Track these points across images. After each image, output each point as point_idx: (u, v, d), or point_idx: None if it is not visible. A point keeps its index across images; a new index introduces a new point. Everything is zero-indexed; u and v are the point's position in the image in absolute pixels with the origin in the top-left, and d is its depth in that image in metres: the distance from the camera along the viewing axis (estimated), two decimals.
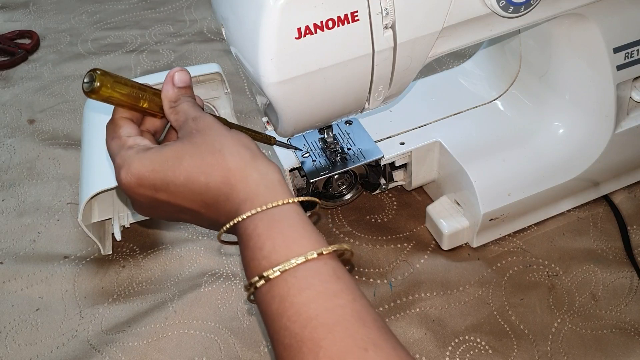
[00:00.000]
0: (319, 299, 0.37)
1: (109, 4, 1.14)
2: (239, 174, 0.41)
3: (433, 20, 0.50)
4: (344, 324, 0.36)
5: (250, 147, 0.43)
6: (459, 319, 0.62)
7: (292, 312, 0.37)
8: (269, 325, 0.38)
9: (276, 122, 0.53)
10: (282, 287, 0.38)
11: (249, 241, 0.40)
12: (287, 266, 0.38)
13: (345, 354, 0.35)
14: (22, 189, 0.80)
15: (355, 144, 0.66)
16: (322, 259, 0.39)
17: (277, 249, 0.39)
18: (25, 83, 0.97)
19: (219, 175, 0.41)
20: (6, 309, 0.66)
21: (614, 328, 0.60)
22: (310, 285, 0.37)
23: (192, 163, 0.42)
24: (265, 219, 0.40)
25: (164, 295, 0.66)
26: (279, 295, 0.37)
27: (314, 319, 0.36)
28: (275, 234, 0.39)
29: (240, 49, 0.49)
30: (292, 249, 0.39)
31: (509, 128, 0.69)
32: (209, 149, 0.42)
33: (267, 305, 0.38)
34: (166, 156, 0.42)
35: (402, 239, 0.69)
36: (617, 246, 0.67)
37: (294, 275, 0.38)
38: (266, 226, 0.40)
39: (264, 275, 0.38)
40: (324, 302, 0.37)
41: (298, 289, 0.37)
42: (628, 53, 0.62)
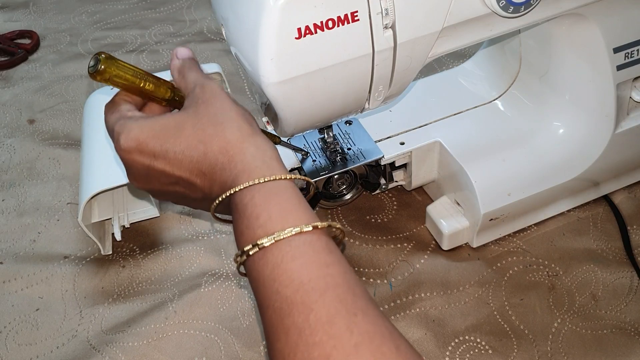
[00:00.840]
0: (312, 267, 0.38)
1: (109, 4, 1.14)
2: (238, 146, 0.43)
3: (433, 20, 0.50)
4: (335, 290, 0.37)
5: (251, 122, 0.44)
6: (459, 319, 0.62)
7: (285, 277, 0.38)
8: (260, 290, 0.39)
9: (276, 122, 0.53)
10: (276, 254, 0.39)
11: (245, 210, 0.41)
12: (283, 235, 0.39)
13: (335, 317, 0.36)
14: (22, 189, 0.80)
15: (355, 144, 0.66)
16: (316, 232, 0.40)
17: (274, 218, 0.40)
18: (25, 83, 0.97)
19: (217, 145, 0.42)
20: (6, 309, 0.66)
21: (614, 328, 0.60)
22: (304, 254, 0.39)
23: (193, 132, 0.43)
24: (263, 191, 0.41)
25: (164, 295, 0.66)
26: (272, 262, 0.39)
27: (306, 284, 0.37)
28: (272, 205, 0.41)
29: (240, 49, 0.49)
30: (288, 220, 0.40)
31: (509, 128, 0.69)
32: (211, 120, 0.43)
33: (259, 271, 0.39)
34: (168, 124, 0.43)
35: (402, 239, 0.69)
36: (617, 246, 0.67)
37: (288, 244, 0.39)
38: (263, 197, 0.41)
39: (258, 243, 0.39)
40: (316, 270, 0.38)
41: (292, 256, 0.39)
42: (628, 53, 0.62)
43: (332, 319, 0.36)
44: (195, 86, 0.45)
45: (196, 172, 0.43)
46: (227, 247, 0.70)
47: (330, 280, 0.38)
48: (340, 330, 0.35)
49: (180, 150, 0.43)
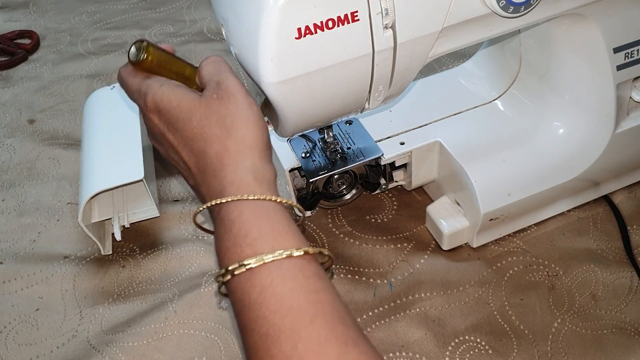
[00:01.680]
0: (302, 292, 0.37)
1: (109, 4, 1.14)
2: (234, 157, 0.42)
3: (433, 20, 0.50)
4: (325, 317, 0.36)
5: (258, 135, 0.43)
6: (459, 319, 0.62)
7: (273, 301, 0.36)
8: (245, 314, 0.37)
9: (276, 122, 0.53)
10: (265, 276, 0.37)
11: (232, 226, 0.39)
12: (273, 257, 0.37)
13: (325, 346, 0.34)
14: (22, 189, 0.80)
15: (355, 143, 0.66)
16: (306, 258, 0.38)
17: (264, 238, 0.38)
18: (25, 83, 0.97)
19: (215, 149, 0.42)
20: (6, 309, 0.66)
21: (614, 328, 0.60)
22: (294, 278, 0.37)
23: (199, 126, 0.43)
24: (252, 207, 0.40)
25: (164, 295, 0.66)
26: (260, 285, 0.37)
27: (296, 309, 0.36)
28: (262, 224, 0.39)
29: (240, 49, 0.49)
30: (279, 241, 0.38)
31: (509, 128, 0.69)
32: (219, 121, 0.42)
33: (244, 293, 0.37)
34: (183, 106, 0.43)
35: (402, 239, 0.69)
36: (617, 246, 0.67)
37: (278, 267, 0.37)
38: (253, 215, 0.39)
39: (245, 263, 0.37)
40: (306, 295, 0.37)
41: (282, 279, 0.37)
42: (628, 53, 0.62)
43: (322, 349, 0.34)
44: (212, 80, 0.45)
45: (193, 163, 0.43)
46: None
47: (320, 307, 0.36)
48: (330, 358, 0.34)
49: (185, 136, 0.43)
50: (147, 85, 0.45)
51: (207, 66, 0.46)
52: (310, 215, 0.72)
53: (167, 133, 0.44)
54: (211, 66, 0.46)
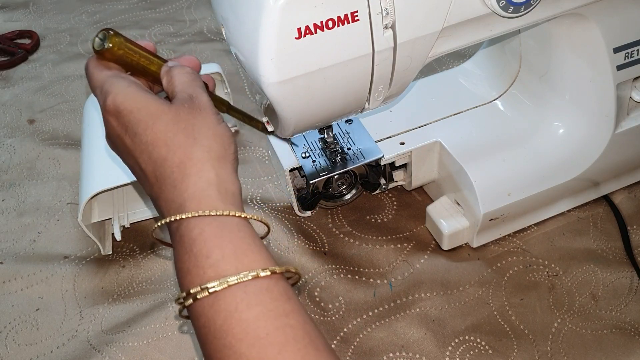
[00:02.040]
0: (270, 317, 0.35)
1: (109, 4, 1.14)
2: (197, 167, 0.39)
3: (433, 20, 0.50)
4: (296, 344, 0.34)
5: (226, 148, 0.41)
6: (459, 319, 0.62)
7: (239, 329, 0.34)
8: (209, 341, 0.35)
9: (276, 122, 0.53)
10: (229, 301, 0.35)
11: (193, 246, 0.37)
12: (237, 279, 0.35)
13: None
14: (22, 189, 0.80)
15: (355, 143, 0.66)
16: (273, 277, 0.36)
17: (227, 259, 0.36)
18: (25, 83, 0.97)
19: (179, 157, 0.39)
20: (6, 309, 0.66)
21: (614, 328, 0.60)
22: (261, 302, 0.35)
23: (164, 131, 0.40)
24: (214, 225, 0.37)
25: (164, 295, 0.66)
26: (225, 310, 0.35)
27: (263, 338, 0.34)
28: (225, 243, 0.37)
29: (240, 49, 0.49)
30: (244, 262, 0.36)
31: (509, 128, 0.69)
32: (186, 129, 0.40)
33: (208, 320, 0.35)
34: (148, 108, 0.40)
35: (402, 239, 0.69)
36: (617, 246, 0.67)
37: (243, 290, 0.35)
38: (215, 233, 0.37)
39: (208, 287, 0.35)
40: (274, 321, 0.35)
41: (247, 304, 0.35)
42: (628, 53, 0.62)
43: None
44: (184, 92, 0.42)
45: (151, 171, 0.40)
46: None
47: (290, 332, 0.34)
48: None
49: (145, 141, 0.40)
50: (112, 83, 0.41)
51: (182, 76, 0.43)
52: (310, 215, 0.72)
53: (124, 136, 0.41)
54: (186, 77, 0.43)
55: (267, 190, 0.76)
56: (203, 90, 0.43)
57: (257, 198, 0.75)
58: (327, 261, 0.68)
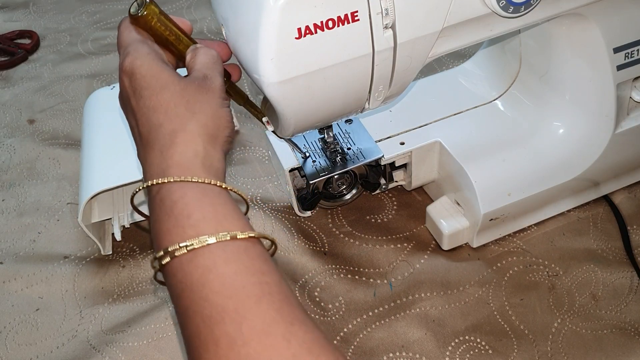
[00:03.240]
0: (247, 273, 0.36)
1: (109, 4, 1.14)
2: (187, 138, 0.40)
3: (433, 20, 0.50)
4: (271, 298, 0.35)
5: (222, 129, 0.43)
6: (459, 319, 0.62)
7: (217, 282, 0.35)
8: (185, 297, 0.36)
9: (276, 122, 0.53)
10: (207, 257, 0.36)
11: (174, 207, 0.38)
12: (217, 238, 0.36)
13: (271, 326, 0.34)
14: (22, 189, 0.80)
15: (355, 143, 0.66)
16: (251, 240, 0.38)
17: (208, 220, 0.37)
18: (25, 83, 0.97)
19: (172, 126, 0.41)
20: (6, 309, 0.66)
21: (614, 328, 0.60)
22: (238, 260, 0.36)
23: (168, 100, 0.41)
24: (196, 190, 0.39)
25: (164, 295, 0.66)
26: (202, 266, 0.36)
27: (240, 291, 0.35)
28: (205, 206, 0.38)
29: (240, 49, 0.49)
30: (223, 224, 0.37)
31: (509, 128, 0.69)
32: (189, 104, 0.42)
33: (185, 275, 0.36)
34: (160, 77, 0.42)
35: (402, 239, 0.69)
36: (617, 246, 0.67)
37: (222, 248, 0.36)
38: (196, 197, 0.38)
39: (187, 244, 0.36)
40: (251, 277, 0.36)
41: (225, 260, 0.36)
42: (628, 53, 0.62)
43: (268, 329, 0.34)
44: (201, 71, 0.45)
45: (145, 135, 0.42)
46: None
47: (266, 288, 0.36)
48: (276, 340, 0.33)
49: (147, 105, 0.42)
50: (134, 47, 0.44)
51: (204, 57, 0.46)
52: (310, 215, 0.72)
53: (131, 97, 0.43)
54: (208, 59, 0.46)
55: (267, 190, 0.76)
56: (219, 75, 0.45)
57: (257, 198, 0.75)
58: (327, 261, 0.68)
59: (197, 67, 0.45)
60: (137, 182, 0.66)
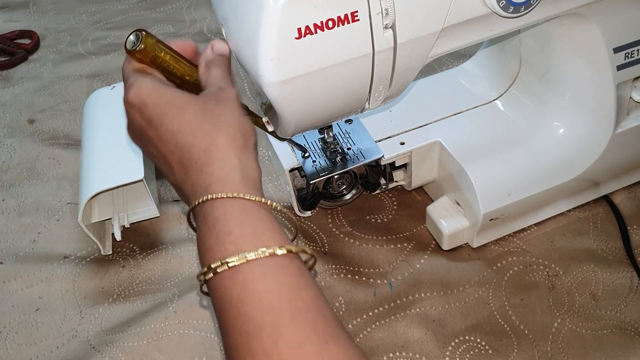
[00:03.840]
0: (283, 289, 0.37)
1: (109, 4, 1.14)
2: (222, 153, 0.42)
3: (433, 20, 0.50)
4: (307, 315, 0.36)
5: (248, 138, 0.44)
6: (459, 319, 0.62)
7: (255, 299, 0.37)
8: (226, 310, 0.38)
9: (276, 122, 0.53)
10: (247, 273, 0.37)
11: (215, 224, 0.39)
12: (255, 254, 0.37)
13: (305, 343, 0.35)
14: (22, 189, 0.80)
15: (355, 143, 0.66)
16: (289, 256, 0.39)
17: (247, 236, 0.39)
18: (25, 83, 0.97)
19: (205, 143, 0.42)
20: (6, 309, 0.66)
21: (614, 328, 0.60)
22: (276, 276, 0.38)
23: (191, 120, 0.42)
24: (237, 206, 0.40)
25: (164, 295, 0.66)
26: (242, 282, 0.37)
27: (277, 308, 0.36)
28: (246, 222, 0.39)
29: (240, 49, 0.49)
30: (262, 239, 0.39)
31: (509, 128, 0.69)
32: (213, 118, 0.43)
33: (226, 290, 0.38)
34: (175, 99, 0.43)
35: (402, 239, 0.69)
36: (617, 246, 0.67)
37: (260, 264, 0.38)
38: (237, 213, 0.40)
39: (228, 261, 0.37)
40: (288, 293, 0.37)
41: (263, 277, 0.37)
42: (628, 53, 0.62)
43: (302, 345, 0.35)
44: (215, 85, 0.46)
45: (177, 159, 0.43)
46: None
47: (301, 304, 0.37)
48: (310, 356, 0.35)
49: (172, 130, 0.42)
50: (136, 78, 0.44)
51: (217, 69, 0.47)
52: (310, 215, 0.72)
53: (147, 128, 0.43)
54: (220, 71, 0.47)
55: (267, 190, 0.76)
56: (233, 85, 0.46)
57: None
58: (327, 261, 0.68)
59: (211, 80, 0.46)
60: (136, 182, 0.66)
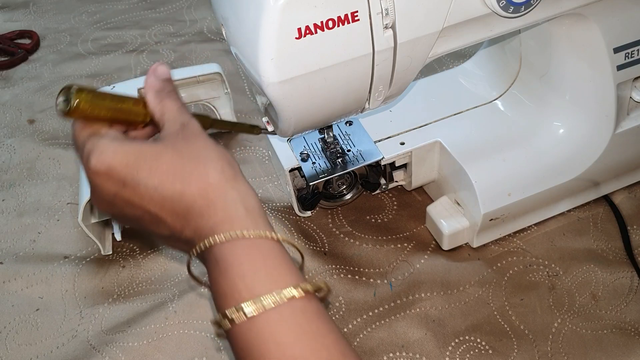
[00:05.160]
0: (306, 339, 0.36)
1: (109, 4, 1.14)
2: (219, 190, 0.39)
3: (433, 20, 0.50)
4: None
5: (233, 165, 0.41)
6: (459, 319, 0.62)
7: (277, 353, 0.35)
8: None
9: (276, 122, 0.53)
10: (265, 324, 0.36)
11: (228, 268, 0.38)
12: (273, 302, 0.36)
13: None
14: (22, 189, 0.80)
15: (355, 145, 0.66)
16: (307, 297, 0.37)
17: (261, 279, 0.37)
18: (25, 83, 0.97)
19: (196, 186, 0.39)
20: (6, 309, 0.66)
21: (614, 328, 0.60)
22: (297, 325, 0.36)
23: (170, 167, 0.39)
24: (246, 246, 0.38)
25: (164, 295, 0.66)
26: (262, 334, 0.36)
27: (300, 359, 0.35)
28: (258, 264, 0.38)
29: (240, 49, 0.49)
30: (277, 280, 0.37)
31: (509, 128, 0.69)
32: (192, 157, 0.40)
33: (245, 342, 0.36)
34: (144, 153, 0.39)
35: (402, 239, 0.69)
36: (617, 246, 0.67)
37: (279, 312, 0.36)
38: (248, 254, 0.38)
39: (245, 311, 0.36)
40: (311, 342, 0.36)
41: (284, 327, 0.36)
42: (628, 53, 0.62)
43: None
44: (174, 121, 0.42)
45: (168, 210, 0.39)
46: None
47: (325, 353, 0.36)
48: None
49: (152, 185, 0.39)
50: (93, 143, 0.40)
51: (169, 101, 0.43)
52: (310, 215, 0.72)
53: (122, 191, 0.40)
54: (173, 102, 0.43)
55: (267, 190, 0.76)
56: (191, 116, 0.43)
57: None
58: (327, 261, 0.68)
59: (167, 116, 0.42)
60: None
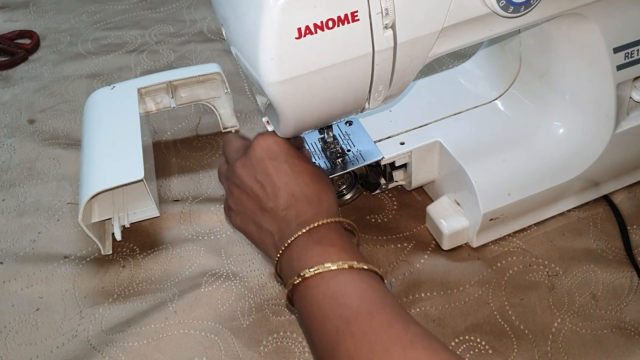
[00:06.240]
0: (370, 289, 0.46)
1: (109, 4, 1.14)
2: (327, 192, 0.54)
3: (433, 20, 0.50)
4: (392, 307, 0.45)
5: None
6: (459, 319, 0.62)
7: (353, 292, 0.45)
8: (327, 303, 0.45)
9: (276, 122, 0.53)
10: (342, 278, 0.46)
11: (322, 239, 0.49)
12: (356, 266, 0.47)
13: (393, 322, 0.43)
14: (22, 189, 0.80)
15: (355, 145, 0.66)
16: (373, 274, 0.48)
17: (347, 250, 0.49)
18: (25, 83, 0.97)
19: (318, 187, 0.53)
20: (6, 309, 0.66)
21: (614, 328, 0.60)
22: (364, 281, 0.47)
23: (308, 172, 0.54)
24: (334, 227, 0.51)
25: (164, 295, 0.66)
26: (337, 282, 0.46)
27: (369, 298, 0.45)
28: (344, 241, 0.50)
29: (240, 49, 0.49)
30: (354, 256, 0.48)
31: (509, 128, 0.69)
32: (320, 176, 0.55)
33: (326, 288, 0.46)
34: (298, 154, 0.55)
35: (402, 239, 0.69)
36: (617, 246, 0.67)
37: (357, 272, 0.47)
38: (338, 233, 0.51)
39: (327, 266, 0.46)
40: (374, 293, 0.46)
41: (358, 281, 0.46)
42: (628, 53, 0.62)
43: (391, 323, 0.43)
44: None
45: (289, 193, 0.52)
46: (227, 247, 0.70)
47: (388, 300, 0.46)
48: (398, 330, 0.43)
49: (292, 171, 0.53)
50: (260, 134, 0.55)
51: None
52: None
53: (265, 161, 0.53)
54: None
55: None
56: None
57: None
58: None
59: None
60: (136, 182, 0.66)
